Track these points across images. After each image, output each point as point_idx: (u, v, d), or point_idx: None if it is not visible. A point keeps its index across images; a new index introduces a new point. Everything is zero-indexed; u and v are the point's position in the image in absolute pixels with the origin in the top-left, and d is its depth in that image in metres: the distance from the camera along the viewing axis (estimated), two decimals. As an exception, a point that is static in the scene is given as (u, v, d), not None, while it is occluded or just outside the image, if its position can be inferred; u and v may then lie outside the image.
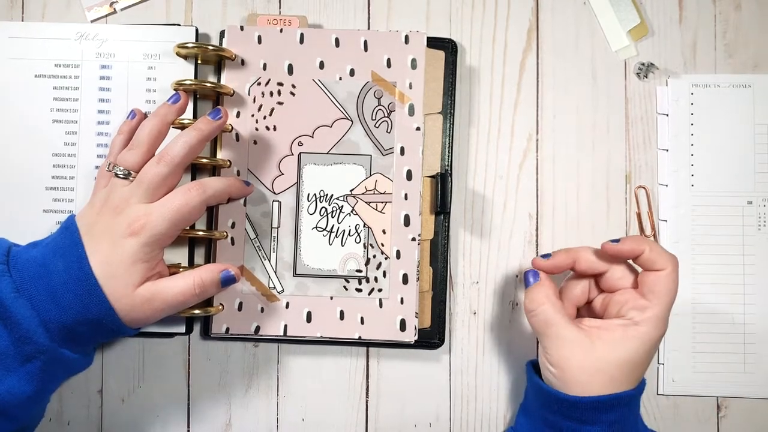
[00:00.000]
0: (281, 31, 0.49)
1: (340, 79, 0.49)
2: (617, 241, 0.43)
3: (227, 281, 0.43)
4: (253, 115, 0.49)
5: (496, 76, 0.52)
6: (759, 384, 0.50)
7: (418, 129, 0.49)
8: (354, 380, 0.50)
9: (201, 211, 0.43)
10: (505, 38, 0.52)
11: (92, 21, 0.51)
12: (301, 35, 0.49)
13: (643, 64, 0.52)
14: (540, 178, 0.51)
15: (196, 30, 0.50)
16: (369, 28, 0.52)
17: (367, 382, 0.50)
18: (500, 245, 0.51)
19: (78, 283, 0.39)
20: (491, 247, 0.51)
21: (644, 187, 0.51)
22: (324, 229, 0.49)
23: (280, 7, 0.52)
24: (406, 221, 0.49)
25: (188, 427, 0.50)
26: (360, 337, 0.48)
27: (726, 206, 0.51)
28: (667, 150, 0.51)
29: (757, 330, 0.50)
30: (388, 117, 0.49)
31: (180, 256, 0.48)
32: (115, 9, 0.52)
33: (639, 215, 0.51)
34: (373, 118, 0.49)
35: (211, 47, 0.48)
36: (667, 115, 0.51)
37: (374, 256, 0.49)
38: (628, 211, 0.51)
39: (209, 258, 0.49)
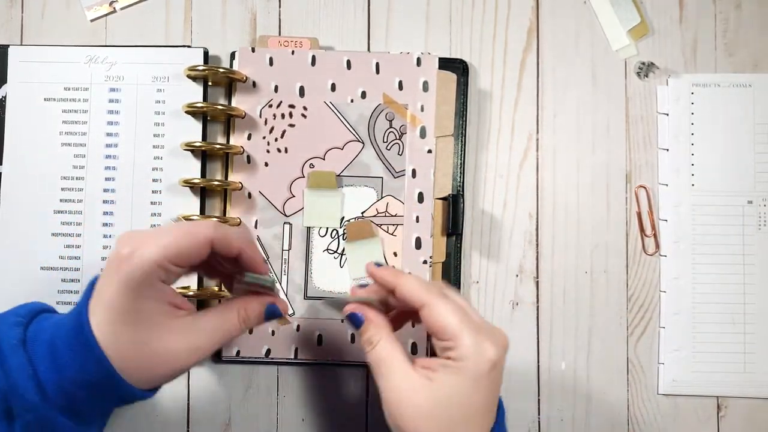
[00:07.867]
0: (293, 53, 0.49)
1: (352, 101, 0.49)
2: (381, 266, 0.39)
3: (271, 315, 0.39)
4: (264, 138, 0.49)
5: (496, 75, 0.52)
6: (759, 384, 0.50)
7: (429, 151, 0.49)
8: (354, 380, 0.50)
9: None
10: (505, 37, 0.52)
11: (92, 20, 0.51)
12: (313, 57, 0.49)
13: (643, 64, 0.52)
14: (540, 177, 0.51)
15: (206, 52, 0.50)
16: (369, 26, 0.52)
17: (368, 382, 0.50)
18: (500, 245, 0.51)
19: (76, 337, 0.33)
20: (491, 247, 0.51)
21: (644, 187, 0.51)
22: (335, 252, 0.49)
23: (280, 6, 0.52)
24: (418, 244, 0.49)
25: (188, 427, 0.50)
26: None
27: (726, 206, 0.51)
28: (668, 149, 0.51)
29: (757, 330, 0.50)
30: (399, 139, 0.49)
31: (189, 279, 0.48)
32: (114, 8, 0.51)
33: (639, 215, 0.51)
34: (385, 140, 0.49)
35: (222, 69, 0.48)
36: (668, 114, 0.51)
37: None
38: (628, 210, 0.51)
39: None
